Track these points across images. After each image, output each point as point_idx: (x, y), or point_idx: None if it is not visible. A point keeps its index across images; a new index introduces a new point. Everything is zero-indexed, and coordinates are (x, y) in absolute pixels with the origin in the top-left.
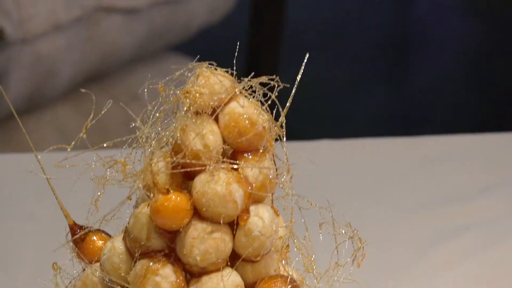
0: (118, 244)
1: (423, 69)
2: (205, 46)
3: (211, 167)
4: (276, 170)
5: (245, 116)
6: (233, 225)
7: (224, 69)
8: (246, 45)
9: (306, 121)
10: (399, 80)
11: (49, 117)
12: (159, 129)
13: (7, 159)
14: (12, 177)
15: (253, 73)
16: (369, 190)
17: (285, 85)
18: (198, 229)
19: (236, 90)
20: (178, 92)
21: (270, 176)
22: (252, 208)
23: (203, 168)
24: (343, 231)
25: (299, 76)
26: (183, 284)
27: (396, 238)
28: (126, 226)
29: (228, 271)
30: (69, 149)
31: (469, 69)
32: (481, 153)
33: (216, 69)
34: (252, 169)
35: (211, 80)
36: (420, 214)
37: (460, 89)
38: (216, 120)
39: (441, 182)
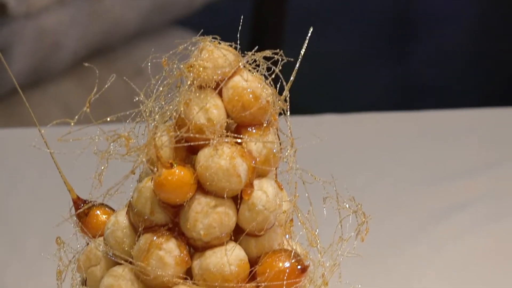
0: (121, 219)
1: (427, 43)
2: (208, 20)
3: (215, 141)
4: (280, 144)
5: (249, 90)
6: (237, 200)
7: (228, 43)
8: (250, 19)
9: (310, 95)
10: (403, 55)
11: (53, 92)
12: (163, 103)
13: (11, 133)
14: (16, 152)
15: (257, 47)
16: (373, 164)
17: (289, 59)
18: (201, 203)
19: (240, 64)
20: (181, 66)
21: (274, 150)
22: (256, 182)
23: (206, 142)
24: (347, 205)
25: (303, 50)
26: (186, 259)
27: (400, 212)
28: (130, 200)
29: (231, 245)
30: (72, 124)
31: (474, 43)
32: (486, 128)
33: (219, 43)
34: (256, 143)
35: (215, 54)
36: (425, 189)
37: (465, 63)
38: (220, 94)
39: (446, 157)
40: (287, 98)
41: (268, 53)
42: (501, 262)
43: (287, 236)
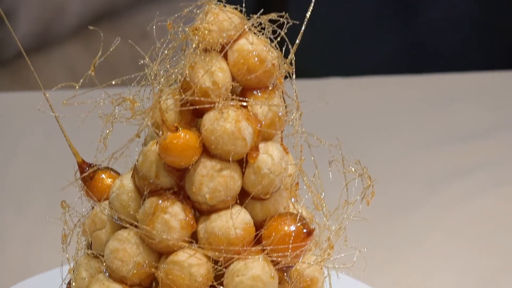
0: (127, 182)
1: (434, 6)
2: None
3: (220, 105)
4: (286, 107)
5: (254, 53)
6: (242, 163)
7: (233, 6)
8: None
9: (316, 58)
10: (410, 18)
11: (58, 55)
12: (168, 66)
13: (16, 97)
14: (21, 116)
15: (262, 10)
16: (379, 128)
17: (295, 22)
18: (207, 166)
19: (245, 27)
20: (186, 29)
21: (280, 114)
22: (262, 145)
23: (212, 105)
24: (353, 169)
25: (309, 12)
26: (192, 222)
27: (406, 176)
28: (135, 164)
29: (237, 209)
30: (77, 87)
31: (481, 7)
32: (493, 91)
33: (225, 6)
34: (261, 106)
35: (220, 17)
36: (430, 152)
37: (473, 26)
38: (225, 57)
39: (452, 120)
40: (293, 61)
41: (273, 16)
42: (507, 226)
43: (292, 199)
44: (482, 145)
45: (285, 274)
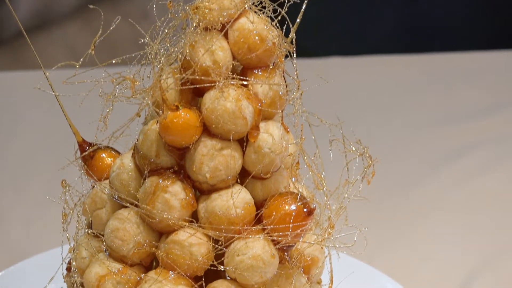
0: (127, 161)
1: None
2: None
3: (221, 84)
4: (286, 86)
5: (255, 32)
6: (243, 142)
7: None
8: None
9: (317, 37)
10: None
11: (58, 35)
12: (168, 45)
13: (16, 76)
14: (21, 95)
15: None
16: (379, 107)
17: (295, 0)
18: (207, 146)
19: (246, 5)
20: (187, 8)
21: (280, 93)
22: (262, 124)
23: (212, 84)
24: (354, 148)
25: None
26: (192, 201)
27: (407, 155)
28: (135, 143)
29: (237, 188)
30: (77, 66)
31: None
32: (494, 70)
33: None
34: (262, 85)
35: None
36: (432, 131)
37: (473, 5)
38: (226, 36)
39: (453, 99)
40: (293, 40)
41: None
42: (508, 204)
43: (293, 179)
44: (483, 123)
45: (286, 253)
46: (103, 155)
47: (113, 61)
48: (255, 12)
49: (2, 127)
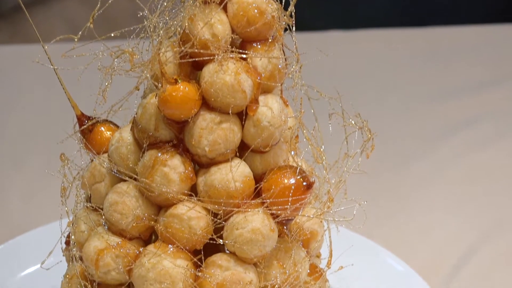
0: (126, 135)
1: None
2: None
3: (220, 57)
4: (285, 60)
5: (254, 5)
6: (242, 116)
7: None
8: None
9: (316, 11)
10: None
11: (57, 8)
12: (167, 18)
13: (15, 50)
14: (20, 69)
15: None
16: (379, 81)
17: None
18: (206, 119)
19: None
20: None
21: (279, 66)
22: (261, 98)
23: (211, 57)
24: (353, 122)
25: None
26: (191, 175)
27: (407, 129)
28: (134, 117)
29: (236, 161)
30: (76, 40)
31: None
32: (493, 44)
33: None
34: (261, 58)
35: None
36: (431, 105)
37: None
38: (225, 9)
39: (453, 73)
40: (293, 14)
41: None
42: (507, 178)
43: (292, 152)
44: (482, 98)
45: (285, 227)
46: (102, 128)
47: (112, 35)
48: None
49: (0, 101)
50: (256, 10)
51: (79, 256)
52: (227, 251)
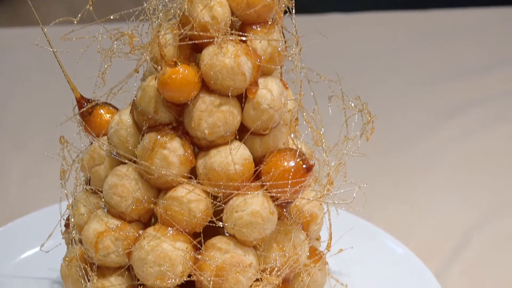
0: (125, 118)
1: None
2: None
3: (219, 39)
4: (285, 42)
5: None
6: (242, 98)
7: None
8: None
9: None
10: None
11: None
12: (167, 1)
13: (14, 33)
14: (19, 51)
15: None
16: (379, 63)
17: None
18: (206, 102)
19: None
20: None
21: (279, 49)
22: (261, 80)
23: (211, 40)
24: (353, 105)
25: None
26: (191, 158)
27: (406, 112)
28: (134, 99)
29: (236, 144)
30: (75, 22)
31: None
32: (493, 27)
33: None
34: (260, 41)
35: None
36: (431, 88)
37: None
38: None
39: (453, 56)
40: None
41: None
42: (506, 161)
43: (292, 135)
44: (483, 81)
45: (285, 210)
46: (102, 111)
47: (111, 17)
48: None
49: (0, 84)
50: None
51: (78, 239)
52: (227, 234)
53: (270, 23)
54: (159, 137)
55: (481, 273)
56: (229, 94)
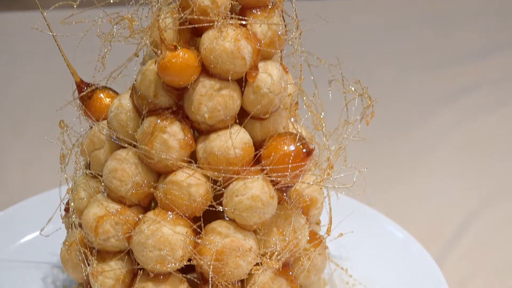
0: (125, 102)
1: None
2: None
3: (219, 23)
4: (285, 26)
5: None
6: (242, 82)
7: None
8: None
9: None
10: None
11: None
12: None
13: (13, 17)
14: (18, 36)
15: None
16: (379, 47)
17: None
18: (206, 86)
19: None
20: None
21: (279, 33)
22: (261, 65)
23: (211, 24)
24: (353, 89)
25: None
26: (191, 142)
27: (406, 96)
28: (134, 84)
29: (236, 128)
30: (75, 6)
31: None
32: (495, 11)
33: None
34: (260, 25)
35: None
36: (431, 72)
37: None
38: None
39: (453, 41)
40: None
41: None
42: (506, 145)
43: (292, 119)
44: (482, 65)
45: (285, 194)
46: (101, 95)
47: (111, 1)
48: None
49: None
50: None
51: (78, 223)
52: (227, 218)
53: (270, 7)
54: (159, 121)
55: (480, 257)
56: (229, 78)
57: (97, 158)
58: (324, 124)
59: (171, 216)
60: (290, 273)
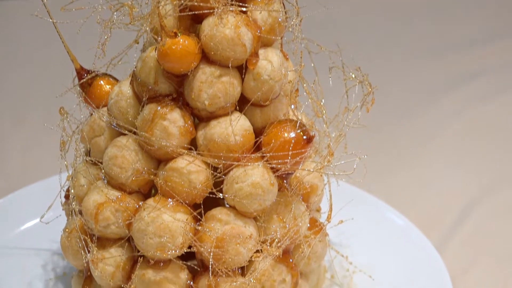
0: (125, 89)
1: None
2: None
3: (220, 10)
4: (286, 13)
5: None
6: (242, 69)
7: None
8: None
9: None
10: None
11: None
12: None
13: (13, 3)
14: (18, 22)
15: None
16: (380, 34)
17: None
18: (206, 73)
19: None
20: None
21: (279, 19)
22: (261, 51)
23: (211, 11)
24: (353, 76)
25: None
26: (191, 129)
27: (407, 83)
28: (134, 70)
29: (236, 115)
30: None
31: None
32: (494, 0)
33: None
34: (261, 12)
35: None
36: (432, 59)
37: None
38: None
39: (454, 28)
40: None
41: None
42: (507, 133)
43: (292, 106)
44: (483, 52)
45: (285, 181)
46: (101, 82)
47: None
48: None
49: None
50: None
51: (78, 210)
52: (227, 205)
53: None
54: (159, 108)
55: (481, 244)
56: (229, 65)
57: (97, 145)
58: (324, 111)
59: (171, 203)
60: (291, 260)
